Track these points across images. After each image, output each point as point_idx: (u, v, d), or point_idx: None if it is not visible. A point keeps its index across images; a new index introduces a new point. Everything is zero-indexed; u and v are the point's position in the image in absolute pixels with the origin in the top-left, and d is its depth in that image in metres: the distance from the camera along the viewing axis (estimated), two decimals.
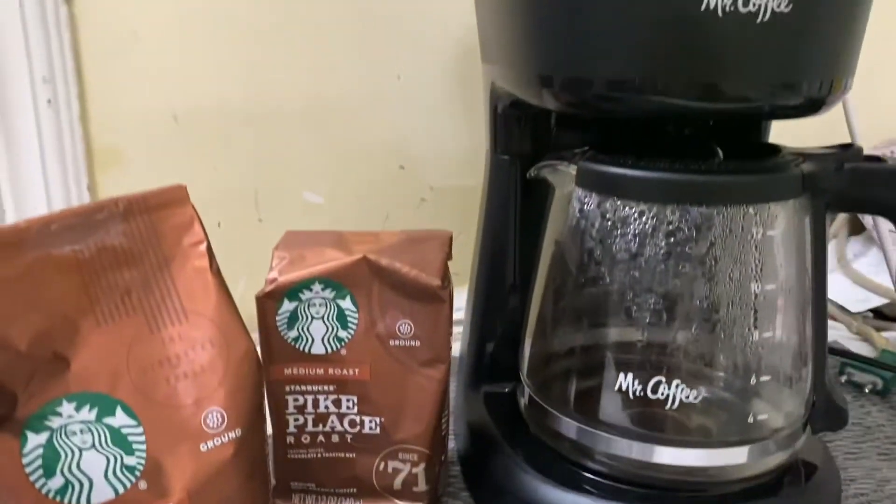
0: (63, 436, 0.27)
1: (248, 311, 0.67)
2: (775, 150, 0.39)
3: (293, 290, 0.40)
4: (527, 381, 0.44)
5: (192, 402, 0.29)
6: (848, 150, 0.38)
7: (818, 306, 0.38)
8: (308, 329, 0.41)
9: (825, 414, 0.40)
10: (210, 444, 0.28)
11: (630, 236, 0.37)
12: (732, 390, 0.38)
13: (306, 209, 0.68)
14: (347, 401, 0.42)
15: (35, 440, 0.26)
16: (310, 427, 0.43)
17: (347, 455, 0.43)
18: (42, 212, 0.61)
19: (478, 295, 0.50)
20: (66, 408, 0.27)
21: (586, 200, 0.38)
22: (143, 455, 0.27)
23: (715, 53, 0.33)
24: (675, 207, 0.35)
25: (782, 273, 0.37)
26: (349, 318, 0.41)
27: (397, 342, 0.41)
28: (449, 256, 0.43)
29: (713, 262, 0.36)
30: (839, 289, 0.73)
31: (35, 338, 0.27)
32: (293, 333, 0.41)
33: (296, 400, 0.42)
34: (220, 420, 0.29)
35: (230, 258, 0.70)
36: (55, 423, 0.27)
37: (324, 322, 0.41)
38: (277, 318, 0.41)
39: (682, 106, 0.34)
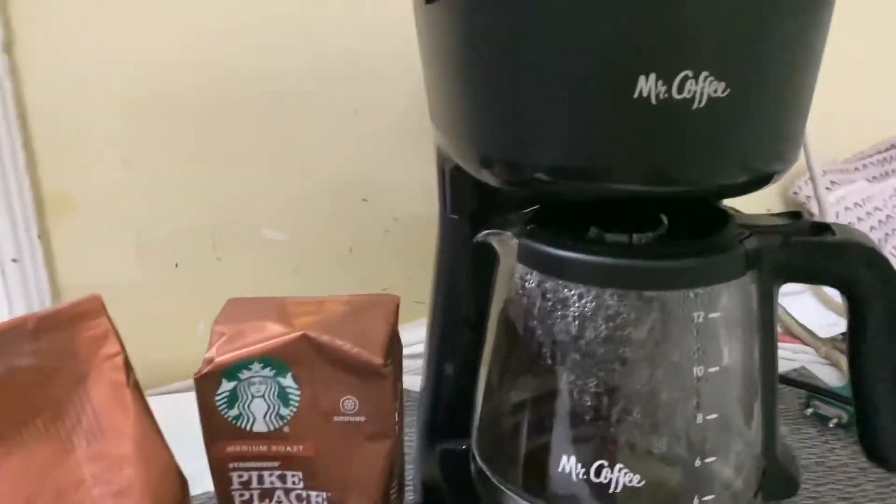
0: None
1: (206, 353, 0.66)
2: (723, 217, 0.38)
3: (231, 371, 0.39)
4: (476, 451, 0.43)
5: None
6: (796, 222, 0.37)
7: (767, 379, 0.37)
8: (249, 408, 0.40)
9: (776, 483, 0.39)
10: None
11: (570, 317, 0.36)
12: (677, 473, 0.37)
13: (267, 246, 0.67)
14: (293, 476, 0.41)
15: None
16: (256, 502, 0.42)
17: None
18: None
19: (433, 350, 0.49)
20: None
21: (528, 277, 0.37)
22: None
23: (651, 140, 0.32)
24: (614, 291, 0.35)
25: (726, 352, 0.36)
26: (291, 396, 0.40)
27: (341, 418, 0.40)
28: (395, 326, 0.42)
29: (655, 345, 0.35)
30: (809, 312, 0.73)
31: None
32: (234, 412, 0.40)
33: (240, 476, 0.41)
34: None
35: (188, 300, 0.70)
36: None
37: (265, 400, 0.40)
38: (217, 398, 0.40)
39: (624, 191, 0.33)
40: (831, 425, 0.60)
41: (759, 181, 0.34)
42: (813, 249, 0.36)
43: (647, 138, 0.32)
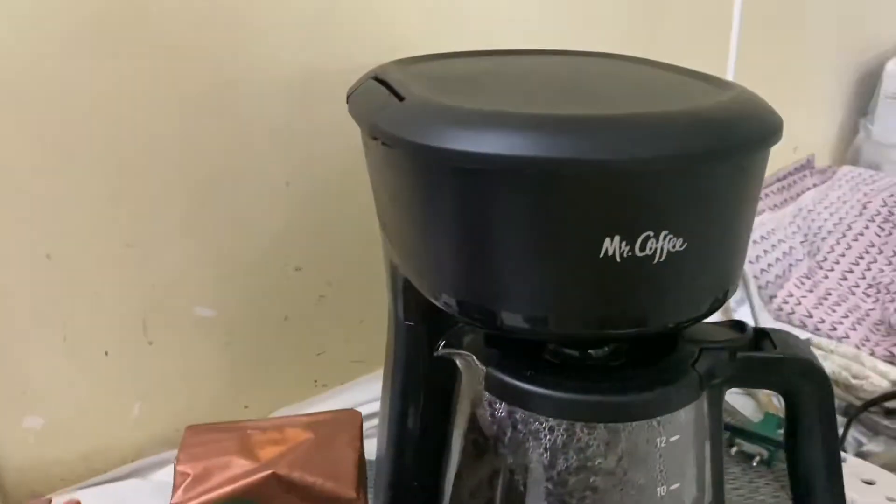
0: None
1: (146, 437, 0.65)
2: (672, 336, 0.40)
3: None
4: None
5: None
6: (740, 336, 0.40)
7: (716, 479, 0.40)
8: None
9: None
10: None
11: (542, 448, 0.37)
12: None
13: (198, 324, 0.65)
14: None
15: None
16: None
17: None
18: None
19: (389, 443, 0.49)
20: None
21: (497, 406, 0.38)
22: None
23: (615, 292, 0.33)
24: (583, 424, 0.36)
25: (685, 466, 0.38)
26: None
27: None
28: (361, 450, 0.42)
29: (622, 472, 0.37)
30: None
31: None
32: None
33: None
34: None
35: (121, 386, 0.67)
36: None
37: None
38: None
39: (584, 335, 0.35)
40: (755, 463, 0.64)
41: (709, 313, 0.37)
42: (757, 364, 0.39)
43: (612, 291, 0.33)
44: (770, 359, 0.39)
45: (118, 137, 0.57)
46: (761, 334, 0.40)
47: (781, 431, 0.65)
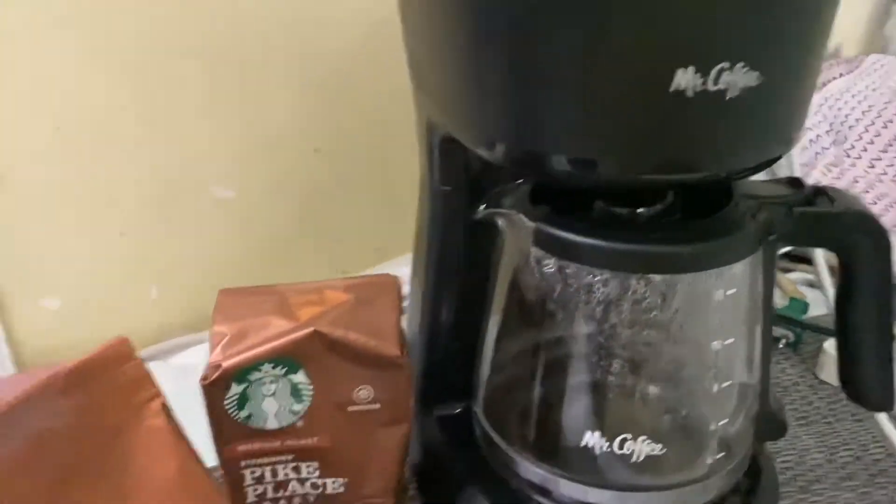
0: None
1: (161, 318, 0.64)
2: (727, 192, 0.38)
3: (240, 374, 0.38)
4: (483, 418, 0.44)
5: None
6: (797, 191, 0.38)
7: (766, 336, 0.39)
8: (260, 407, 0.39)
9: (769, 427, 0.42)
10: None
11: (594, 301, 0.36)
12: (693, 437, 0.39)
13: (216, 205, 0.63)
14: (308, 467, 0.41)
15: None
16: (270, 494, 0.41)
17: None
18: None
19: (425, 318, 0.48)
20: None
21: (546, 262, 0.37)
22: None
23: (684, 132, 0.31)
24: (639, 276, 0.35)
25: (739, 322, 0.37)
26: (303, 392, 0.39)
27: (356, 408, 0.40)
28: (402, 312, 0.41)
29: (677, 325, 0.36)
30: None
31: None
32: (244, 413, 0.39)
33: (253, 472, 0.41)
34: None
35: (138, 268, 0.66)
36: None
37: (276, 399, 0.39)
38: (226, 402, 0.38)
39: (645, 180, 0.33)
40: (781, 346, 0.64)
41: (770, 163, 0.35)
42: (815, 219, 0.37)
43: (678, 129, 0.31)
44: (828, 214, 0.37)
45: (138, 10, 0.54)
46: (818, 191, 0.39)
47: (807, 315, 0.65)
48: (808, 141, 0.78)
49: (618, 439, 0.37)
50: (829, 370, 0.60)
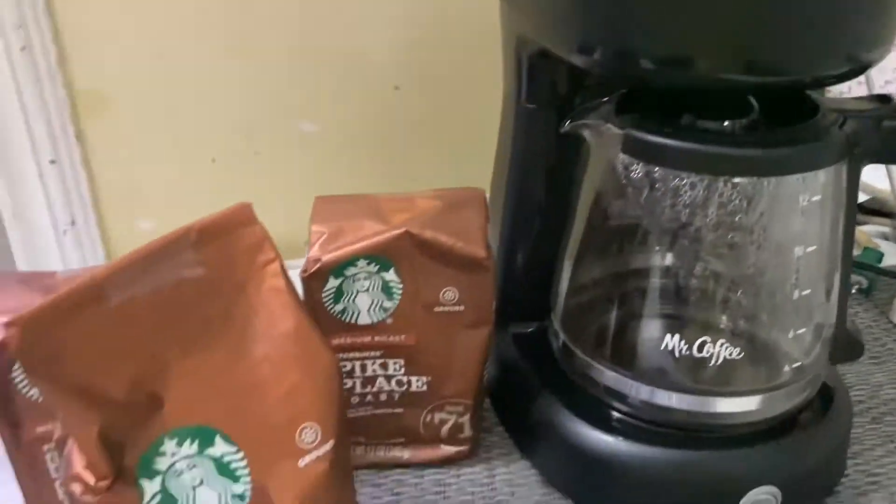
0: (174, 477, 0.27)
1: None
2: (813, 105, 0.39)
3: (338, 268, 0.40)
4: (560, 327, 0.45)
5: (287, 421, 0.29)
6: (885, 106, 0.39)
7: (846, 253, 0.40)
8: (354, 302, 0.41)
9: (845, 348, 0.43)
10: (307, 459, 0.29)
11: (680, 204, 0.37)
12: (770, 343, 0.40)
13: (302, 138, 0.66)
14: (395, 364, 0.43)
15: (151, 488, 0.27)
16: (358, 389, 0.44)
17: (395, 410, 0.45)
18: (30, 167, 0.58)
19: (504, 240, 0.50)
20: (169, 445, 0.27)
21: (633, 167, 0.38)
22: (248, 481, 0.28)
23: (772, 33, 0.32)
24: (726, 179, 0.36)
25: (821, 231, 0.38)
26: (393, 290, 0.41)
27: (442, 308, 0.42)
28: (487, 219, 0.43)
29: (761, 229, 0.37)
30: None
31: (130, 384, 0.27)
32: (339, 307, 0.41)
33: (344, 366, 0.43)
34: (314, 435, 0.29)
35: (227, 194, 0.69)
36: (162, 464, 0.27)
37: (369, 295, 0.41)
38: (323, 294, 0.41)
39: (735, 81, 0.34)
40: (854, 291, 0.64)
41: (856, 73, 0.35)
42: None
43: (765, 28, 0.32)
44: None
45: None
46: None
47: (881, 264, 0.65)
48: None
49: (697, 342, 0.38)
50: None
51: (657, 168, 0.37)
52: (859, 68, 0.36)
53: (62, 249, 0.60)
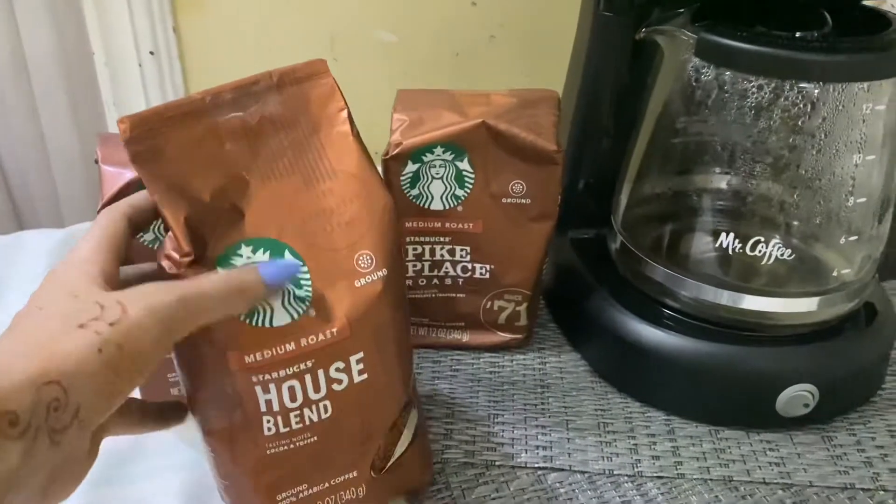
0: None
1: None
2: (884, 20, 0.40)
3: (416, 153, 0.43)
4: (620, 229, 0.48)
5: (346, 246, 0.33)
6: None
7: None
8: (428, 188, 0.44)
9: (895, 265, 0.44)
10: (363, 281, 0.33)
11: (745, 107, 0.39)
12: (820, 248, 0.42)
13: (379, 48, 0.69)
14: (461, 250, 0.47)
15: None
16: (426, 272, 0.47)
17: (458, 295, 0.48)
18: (130, 53, 0.62)
19: (570, 146, 0.52)
20: (245, 251, 0.31)
21: (704, 70, 0.40)
22: (310, 289, 0.32)
23: None
24: (792, 82, 0.38)
25: (882, 143, 0.40)
26: (466, 178, 0.44)
27: (509, 200, 0.45)
28: (559, 119, 0.45)
29: (822, 134, 0.39)
30: None
31: (215, 191, 0.31)
32: (415, 192, 0.44)
33: (415, 249, 0.47)
34: (369, 261, 0.33)
35: None
36: (238, 262, 0.31)
37: (443, 182, 0.44)
38: (401, 178, 0.44)
39: None
40: None
41: None
42: None
43: None
44: None
45: None
46: None
47: None
48: None
49: (751, 241, 0.40)
50: None
51: (727, 72, 0.39)
52: None
53: None
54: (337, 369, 0.33)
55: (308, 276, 0.32)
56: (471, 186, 0.44)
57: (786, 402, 0.42)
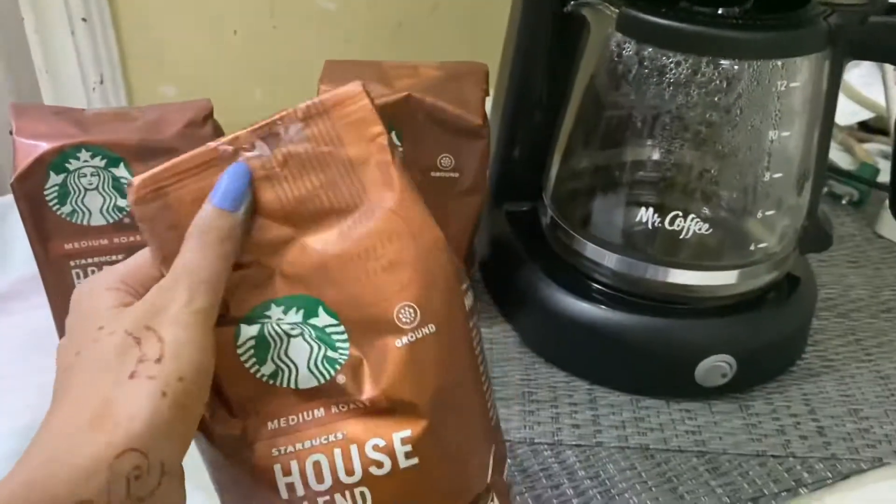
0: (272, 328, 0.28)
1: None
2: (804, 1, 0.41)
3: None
4: (550, 203, 0.48)
5: (385, 298, 0.28)
6: (873, 1, 0.40)
7: (822, 146, 0.42)
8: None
9: (814, 238, 0.45)
10: (404, 339, 0.28)
11: (665, 83, 0.39)
12: (739, 222, 0.43)
13: (320, 16, 0.68)
14: None
15: (247, 332, 0.28)
16: None
17: None
18: (62, 19, 0.60)
19: (503, 120, 0.53)
20: (275, 311, 0.28)
21: (625, 46, 0.40)
22: (346, 350, 0.28)
23: None
24: (709, 59, 0.38)
25: (797, 120, 0.40)
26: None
27: (438, 174, 0.45)
28: (486, 93, 0.45)
29: (738, 110, 0.39)
30: None
31: (242, 252, 0.27)
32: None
33: None
34: (412, 315, 0.28)
35: (246, 68, 0.71)
36: (267, 324, 0.28)
37: None
38: None
39: None
40: (843, 202, 0.66)
41: None
42: (890, 30, 0.39)
43: None
44: None
45: None
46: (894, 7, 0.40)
47: (878, 179, 0.67)
48: None
49: (669, 216, 0.41)
50: (890, 226, 0.61)
51: (647, 48, 0.39)
52: None
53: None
54: (375, 448, 0.28)
55: (345, 337, 0.28)
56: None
57: (704, 373, 0.43)
